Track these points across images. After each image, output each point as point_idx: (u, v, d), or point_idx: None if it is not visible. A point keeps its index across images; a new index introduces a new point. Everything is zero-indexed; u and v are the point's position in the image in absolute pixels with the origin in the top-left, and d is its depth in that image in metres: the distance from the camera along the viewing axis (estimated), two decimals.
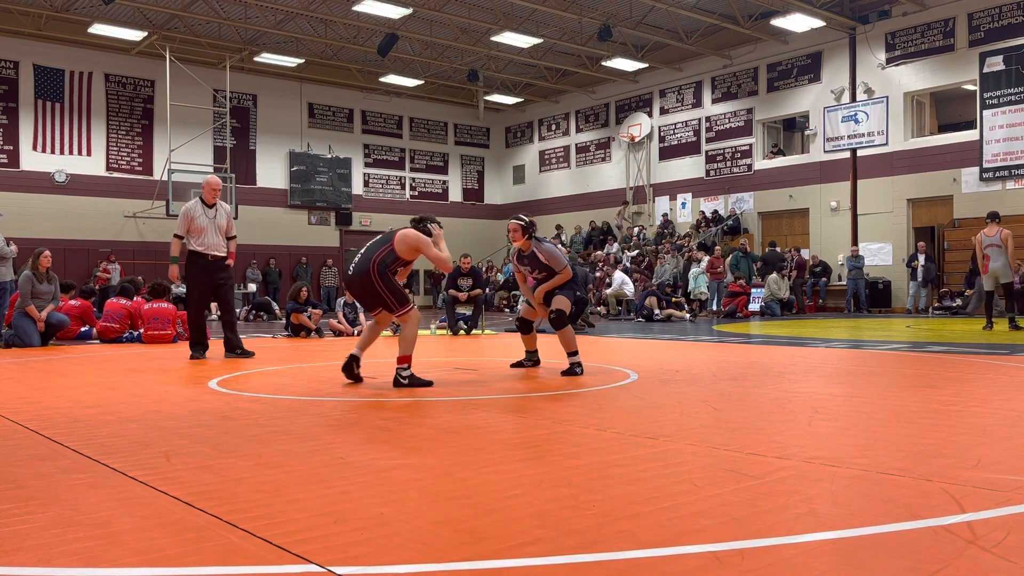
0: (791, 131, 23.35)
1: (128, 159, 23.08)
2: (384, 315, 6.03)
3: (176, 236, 8.23)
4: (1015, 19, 17.92)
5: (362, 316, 13.15)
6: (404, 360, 5.68)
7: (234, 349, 8.35)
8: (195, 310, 8.46)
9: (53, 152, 21.88)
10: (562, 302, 6.61)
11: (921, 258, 18.43)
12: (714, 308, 18.54)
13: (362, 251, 5.92)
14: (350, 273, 5.94)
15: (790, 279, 19.26)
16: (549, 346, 7.93)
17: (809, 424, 4.09)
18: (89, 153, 22.43)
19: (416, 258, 6.02)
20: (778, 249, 20.51)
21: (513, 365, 7.14)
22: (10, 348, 10.05)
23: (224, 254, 8.38)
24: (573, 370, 6.47)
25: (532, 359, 7.11)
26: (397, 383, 5.65)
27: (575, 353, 6.53)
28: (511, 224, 6.80)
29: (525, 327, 7.02)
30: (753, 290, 19.03)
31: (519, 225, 6.72)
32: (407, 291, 6.15)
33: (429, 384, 5.70)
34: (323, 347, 10.35)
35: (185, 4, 19.96)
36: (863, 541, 2.19)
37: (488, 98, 27.95)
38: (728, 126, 23.49)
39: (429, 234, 5.98)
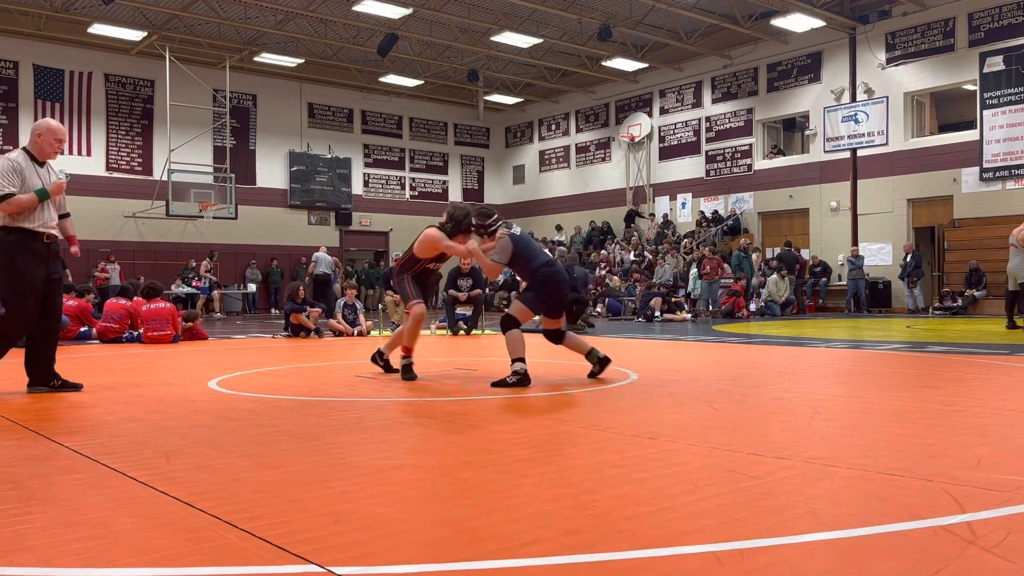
0: (791, 131, 23.34)
1: (128, 159, 23.07)
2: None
3: (7, 195, 5.30)
4: (1015, 19, 17.92)
5: (362, 317, 13.15)
6: None
7: (47, 381, 5.66)
8: (20, 320, 5.52)
9: None
10: None
11: (907, 256, 18.51)
12: (706, 309, 18.45)
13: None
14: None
15: (792, 283, 19.21)
16: (537, 346, 7.91)
17: (809, 424, 4.09)
18: (89, 153, 22.43)
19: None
20: (792, 249, 20.50)
21: None
22: None
23: (59, 235, 5.83)
24: None
25: None
26: None
27: None
28: None
29: None
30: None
31: None
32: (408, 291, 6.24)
33: None
34: (323, 347, 10.34)
35: (185, 4, 19.95)
36: (863, 541, 2.19)
37: (488, 98, 27.94)
38: (728, 126, 23.48)
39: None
